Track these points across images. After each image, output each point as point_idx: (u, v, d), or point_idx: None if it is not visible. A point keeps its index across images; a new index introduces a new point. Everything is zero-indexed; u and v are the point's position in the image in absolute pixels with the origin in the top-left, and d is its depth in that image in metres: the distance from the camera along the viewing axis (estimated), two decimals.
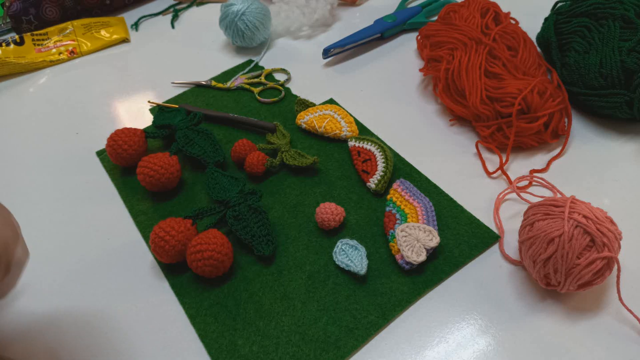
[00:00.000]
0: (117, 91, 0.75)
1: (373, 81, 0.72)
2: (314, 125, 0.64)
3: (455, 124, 0.64)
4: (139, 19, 0.88)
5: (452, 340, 0.45)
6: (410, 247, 0.49)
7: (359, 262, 0.50)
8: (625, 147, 0.60)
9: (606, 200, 0.55)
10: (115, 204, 0.59)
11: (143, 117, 0.70)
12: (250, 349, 0.46)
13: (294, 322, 0.47)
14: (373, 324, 0.47)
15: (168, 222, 0.51)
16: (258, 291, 0.50)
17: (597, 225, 0.43)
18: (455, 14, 0.70)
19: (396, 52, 0.77)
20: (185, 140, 0.62)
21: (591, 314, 0.46)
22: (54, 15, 0.84)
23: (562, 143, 0.60)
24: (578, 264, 0.43)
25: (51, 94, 0.75)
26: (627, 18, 0.59)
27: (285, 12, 0.81)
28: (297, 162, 0.59)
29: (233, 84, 0.73)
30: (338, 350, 0.45)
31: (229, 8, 0.75)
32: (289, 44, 0.80)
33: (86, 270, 0.53)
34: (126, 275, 0.52)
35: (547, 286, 0.46)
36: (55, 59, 0.80)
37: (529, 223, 0.46)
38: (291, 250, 0.53)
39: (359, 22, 0.81)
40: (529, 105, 0.58)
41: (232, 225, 0.53)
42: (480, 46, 0.63)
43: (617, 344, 0.44)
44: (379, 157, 0.59)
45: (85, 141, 0.67)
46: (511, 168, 0.59)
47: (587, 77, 0.59)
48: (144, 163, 0.57)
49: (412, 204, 0.54)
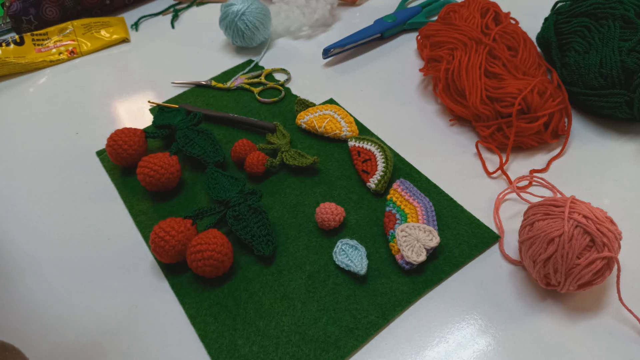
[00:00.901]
0: (117, 91, 0.75)
1: (373, 81, 0.72)
2: (314, 125, 0.64)
3: (455, 124, 0.64)
4: (139, 19, 0.88)
5: (452, 340, 0.45)
6: (410, 247, 0.49)
7: (359, 262, 0.50)
8: (625, 147, 0.60)
9: (606, 200, 0.55)
10: (115, 204, 0.59)
11: (143, 117, 0.70)
12: (250, 349, 0.46)
13: (294, 322, 0.47)
14: (373, 324, 0.47)
15: (168, 222, 0.51)
16: (258, 291, 0.50)
17: (597, 225, 0.43)
18: (455, 14, 0.70)
19: (396, 52, 0.77)
20: (185, 140, 0.62)
21: (591, 314, 0.46)
22: (54, 15, 0.84)
23: (562, 143, 0.60)
24: (578, 264, 0.43)
25: (51, 94, 0.75)
26: (627, 18, 0.59)
27: (285, 12, 0.81)
28: (297, 162, 0.59)
29: (233, 84, 0.73)
30: (338, 350, 0.45)
31: (229, 8, 0.75)
32: (289, 44, 0.80)
33: (86, 270, 0.53)
34: (126, 275, 0.52)
35: (547, 286, 0.46)
36: (55, 59, 0.80)
37: (529, 223, 0.46)
38: (291, 250, 0.53)
39: (359, 22, 0.81)
40: (529, 105, 0.58)
41: (232, 225, 0.53)
42: (480, 46, 0.63)
43: (617, 344, 0.44)
44: (379, 157, 0.58)
45: (85, 141, 0.67)
46: (511, 168, 0.59)
47: (587, 77, 0.59)
48: (144, 163, 0.57)
49: (412, 204, 0.54)
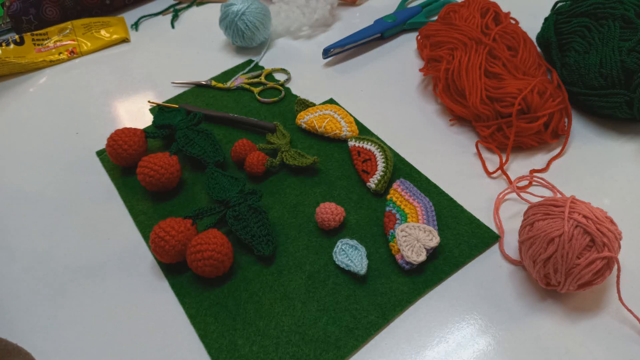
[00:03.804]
0: (117, 91, 0.75)
1: (373, 81, 0.72)
2: (314, 125, 0.64)
3: (455, 124, 0.64)
4: (139, 19, 0.88)
5: (452, 340, 0.45)
6: (410, 247, 0.49)
7: (359, 262, 0.50)
8: (625, 147, 0.60)
9: (606, 200, 0.54)
10: (115, 204, 0.59)
11: (143, 117, 0.70)
12: (250, 349, 0.46)
13: (294, 322, 0.47)
14: (373, 324, 0.47)
15: (168, 222, 0.51)
16: (258, 291, 0.50)
17: (597, 225, 0.43)
18: (455, 14, 0.70)
19: (396, 52, 0.77)
20: (185, 140, 0.62)
21: (591, 314, 0.46)
22: (54, 15, 0.84)
23: (562, 143, 0.60)
24: (578, 264, 0.43)
25: (51, 94, 0.75)
26: (627, 18, 0.59)
27: (285, 12, 0.81)
28: (297, 162, 0.59)
29: (233, 84, 0.73)
30: (338, 350, 0.45)
31: (229, 8, 0.75)
32: (289, 44, 0.80)
33: (86, 270, 0.53)
34: (126, 275, 0.52)
35: (547, 286, 0.46)
36: (55, 59, 0.80)
37: (529, 223, 0.46)
38: (291, 250, 0.53)
39: (359, 22, 0.81)
40: (529, 105, 0.58)
41: (232, 225, 0.53)
42: (480, 46, 0.63)
43: (617, 344, 0.44)
44: (379, 157, 0.58)
45: (85, 141, 0.67)
46: (511, 168, 0.59)
47: (587, 77, 0.59)
48: (144, 163, 0.57)
49: (412, 204, 0.54)
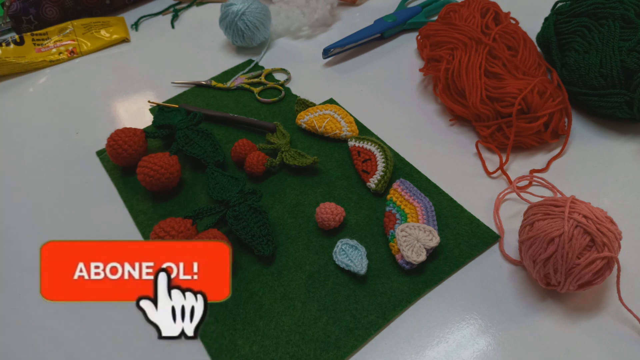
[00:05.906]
0: (117, 91, 0.75)
1: (373, 81, 0.72)
2: (314, 125, 0.64)
3: (455, 124, 0.64)
4: (139, 19, 0.88)
5: (452, 340, 0.45)
6: (410, 247, 0.49)
7: (359, 262, 0.50)
8: (625, 147, 0.60)
9: (606, 200, 0.54)
10: (115, 204, 0.59)
11: (143, 117, 0.70)
12: (250, 348, 0.46)
13: (294, 322, 0.47)
14: (373, 323, 0.46)
15: (168, 222, 0.51)
16: (258, 291, 0.50)
17: (597, 225, 0.43)
18: (455, 14, 0.70)
19: (396, 52, 0.77)
20: (185, 140, 0.62)
21: (591, 314, 0.46)
22: (54, 15, 0.84)
23: (562, 143, 0.60)
24: (578, 264, 0.43)
25: (51, 94, 0.75)
26: (627, 18, 0.59)
27: (285, 12, 0.81)
28: (297, 162, 0.59)
29: (233, 84, 0.73)
30: (338, 350, 0.45)
31: (229, 8, 0.75)
32: (289, 44, 0.80)
33: None
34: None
35: (547, 286, 0.46)
36: (55, 59, 0.80)
37: (529, 223, 0.46)
38: (291, 250, 0.53)
39: (359, 22, 0.81)
40: (529, 105, 0.58)
41: (232, 225, 0.53)
42: (480, 46, 0.63)
43: (617, 344, 0.44)
44: (379, 157, 0.58)
45: (85, 141, 0.67)
46: (511, 168, 0.59)
47: (587, 77, 0.59)
48: (144, 163, 0.57)
49: (412, 204, 0.54)
